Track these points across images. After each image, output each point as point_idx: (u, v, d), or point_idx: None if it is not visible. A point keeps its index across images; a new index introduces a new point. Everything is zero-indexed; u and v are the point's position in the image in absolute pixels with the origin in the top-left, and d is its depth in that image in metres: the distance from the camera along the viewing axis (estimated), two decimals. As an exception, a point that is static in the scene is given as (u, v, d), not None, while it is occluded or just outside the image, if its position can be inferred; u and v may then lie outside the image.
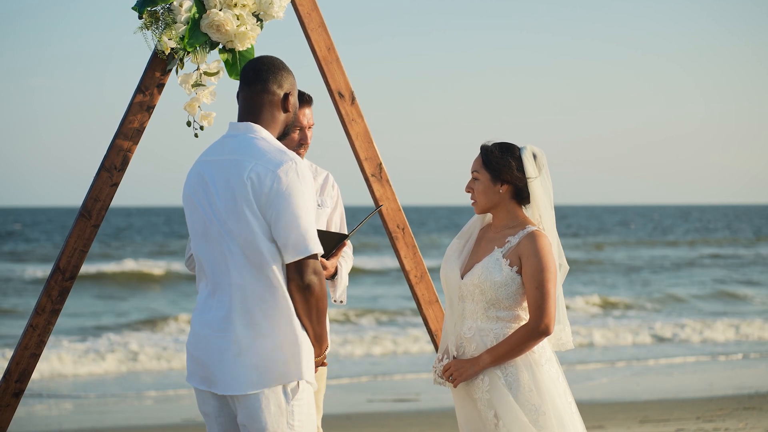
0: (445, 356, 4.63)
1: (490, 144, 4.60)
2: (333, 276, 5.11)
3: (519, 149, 4.58)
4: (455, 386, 4.57)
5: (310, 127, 5.14)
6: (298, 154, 5.11)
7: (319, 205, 5.21)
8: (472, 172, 4.61)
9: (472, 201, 4.63)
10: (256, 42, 4.92)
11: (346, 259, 5.22)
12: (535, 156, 4.57)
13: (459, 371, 4.54)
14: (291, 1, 5.11)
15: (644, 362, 15.75)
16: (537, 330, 4.45)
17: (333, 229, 5.28)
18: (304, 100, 5.11)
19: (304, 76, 4.77)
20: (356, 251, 39.64)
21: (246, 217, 3.91)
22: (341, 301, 5.22)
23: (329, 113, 5.26)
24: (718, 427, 9.66)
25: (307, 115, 5.11)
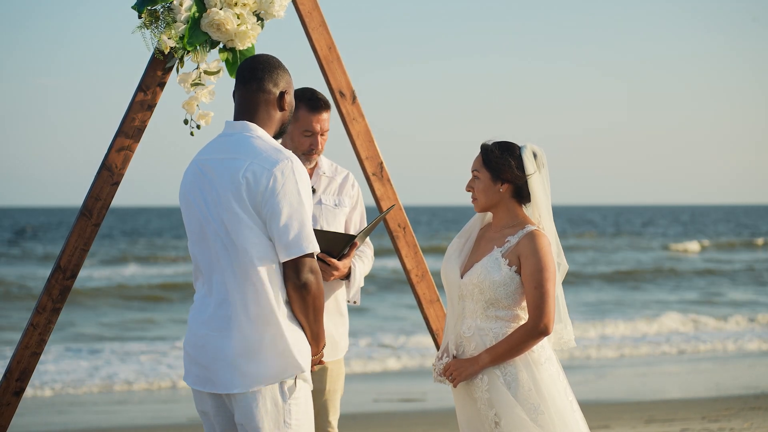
0: (445, 355, 4.62)
1: (490, 143, 4.59)
2: (347, 277, 5.10)
3: (519, 148, 4.57)
4: (455, 386, 4.57)
5: (323, 133, 5.11)
6: (309, 159, 5.09)
7: (335, 205, 5.20)
8: (473, 171, 4.60)
9: (473, 199, 4.62)
10: (256, 41, 4.92)
11: (363, 260, 5.22)
12: (535, 155, 4.56)
13: (458, 371, 4.53)
14: (292, 1, 5.11)
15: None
16: (536, 330, 4.44)
17: (352, 229, 5.28)
18: (320, 105, 5.08)
19: (305, 75, 4.77)
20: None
21: (242, 216, 3.91)
22: (355, 302, 5.21)
23: (331, 112, 5.25)
24: (724, 427, 9.64)
25: (322, 120, 5.08)
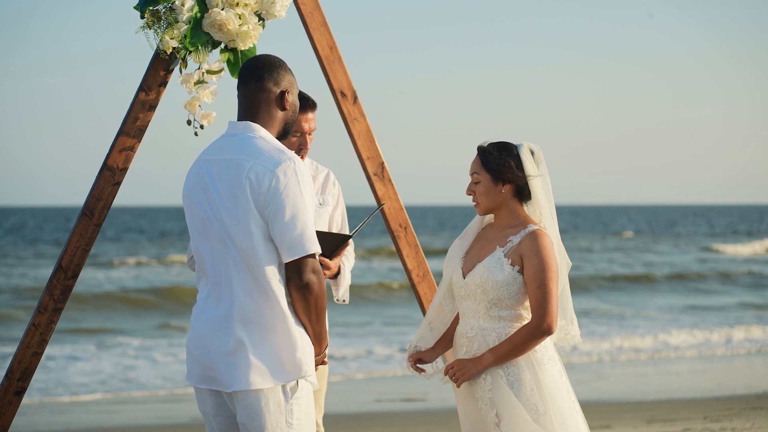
0: (417, 348, 4.71)
1: (486, 144, 4.58)
2: (335, 276, 5.10)
3: (516, 147, 4.55)
4: (458, 386, 4.56)
5: (311, 132, 5.12)
6: None
7: (320, 204, 5.20)
8: (472, 174, 4.58)
9: (475, 203, 4.60)
10: (258, 41, 4.92)
11: (348, 257, 5.22)
12: (532, 152, 4.55)
13: (462, 371, 4.53)
14: (293, 1, 5.11)
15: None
16: (539, 329, 4.43)
17: (334, 227, 5.28)
18: (308, 105, 5.08)
19: (306, 75, 4.77)
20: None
21: (244, 217, 3.91)
22: (344, 301, 5.21)
23: (331, 112, 5.25)
24: (725, 427, 9.63)
25: (310, 119, 5.08)
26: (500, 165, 4.51)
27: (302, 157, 5.12)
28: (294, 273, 3.93)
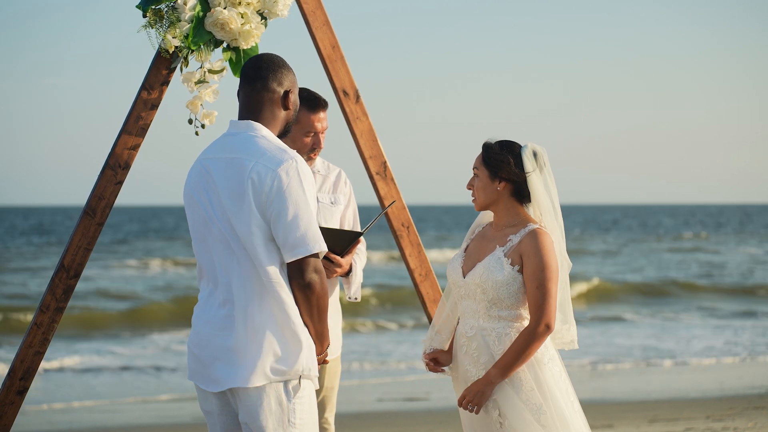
0: (430, 348, 4.71)
1: (492, 141, 4.58)
2: (347, 273, 5.11)
3: (520, 147, 4.55)
4: (477, 413, 4.51)
5: (323, 131, 5.14)
6: (310, 158, 5.11)
7: (332, 203, 5.22)
8: (473, 169, 4.59)
9: (473, 198, 4.61)
10: (260, 40, 4.92)
11: (360, 255, 5.23)
12: (535, 154, 4.54)
13: (476, 398, 4.47)
14: (295, 0, 5.11)
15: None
16: (537, 330, 4.41)
17: (346, 226, 5.29)
18: (320, 104, 5.10)
19: (308, 74, 4.77)
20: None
21: (246, 216, 3.91)
22: (355, 299, 5.22)
23: (334, 111, 5.26)
24: (728, 427, 9.63)
25: (322, 119, 5.10)
26: (498, 161, 4.50)
27: (315, 156, 5.14)
28: (296, 272, 3.93)
